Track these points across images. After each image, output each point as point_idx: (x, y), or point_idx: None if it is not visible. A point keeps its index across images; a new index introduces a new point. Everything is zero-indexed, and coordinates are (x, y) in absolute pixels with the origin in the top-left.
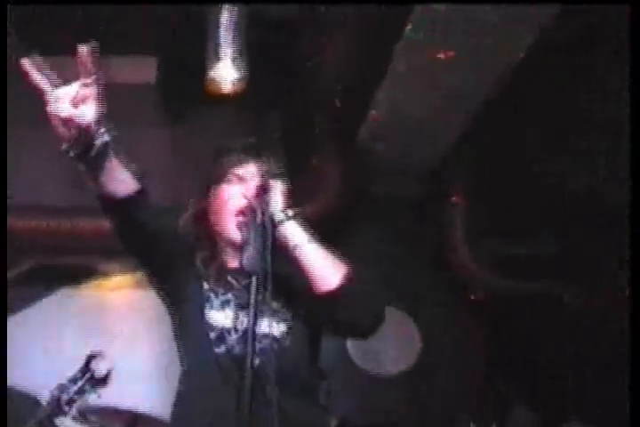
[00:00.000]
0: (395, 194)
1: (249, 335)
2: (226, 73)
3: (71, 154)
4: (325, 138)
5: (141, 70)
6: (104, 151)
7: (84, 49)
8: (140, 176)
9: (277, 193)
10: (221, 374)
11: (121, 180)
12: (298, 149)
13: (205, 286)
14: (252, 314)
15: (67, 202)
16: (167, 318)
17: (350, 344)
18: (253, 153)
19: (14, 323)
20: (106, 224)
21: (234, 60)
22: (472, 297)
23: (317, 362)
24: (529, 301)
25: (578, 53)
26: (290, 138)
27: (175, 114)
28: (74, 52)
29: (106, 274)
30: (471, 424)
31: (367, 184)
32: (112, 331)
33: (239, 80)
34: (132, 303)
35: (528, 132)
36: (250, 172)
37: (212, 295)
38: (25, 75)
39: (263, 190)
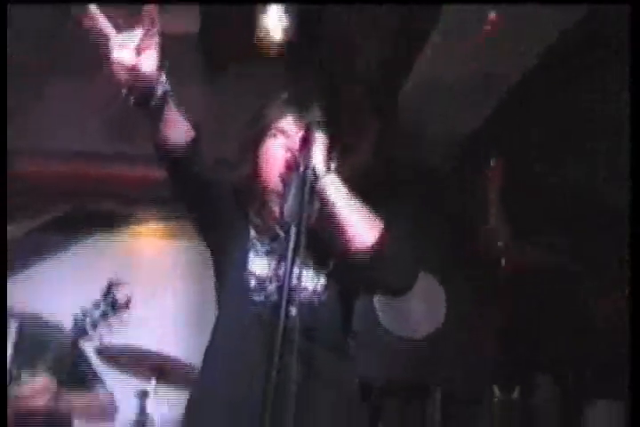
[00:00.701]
0: (430, 162)
1: (285, 283)
2: (274, 21)
3: (131, 100)
4: (366, 100)
5: (184, 19)
6: (164, 99)
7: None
8: (195, 125)
9: (320, 146)
10: (257, 322)
11: (179, 127)
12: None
13: (252, 233)
14: (289, 263)
15: (105, 148)
16: (199, 267)
17: (378, 306)
18: (296, 106)
19: (48, 266)
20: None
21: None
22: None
23: (351, 320)
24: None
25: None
26: (331, 96)
27: (219, 65)
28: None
29: (140, 222)
30: (494, 388)
31: (402, 150)
32: (143, 277)
33: (288, 29)
34: (165, 252)
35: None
36: (292, 125)
37: (257, 243)
38: (87, 22)
39: (305, 143)
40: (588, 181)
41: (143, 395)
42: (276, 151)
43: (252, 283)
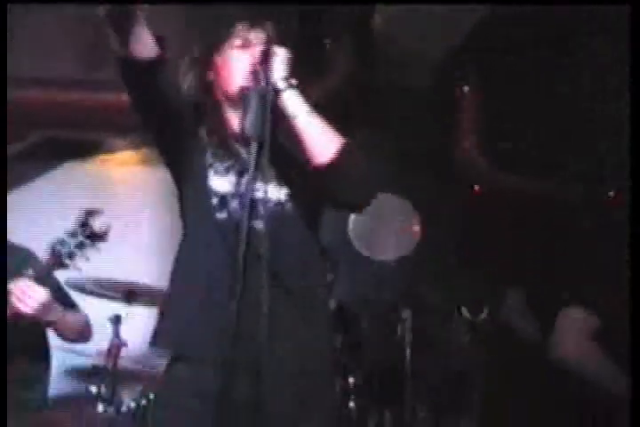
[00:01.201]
0: (404, 83)
1: (246, 197)
2: None
3: (100, 11)
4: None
5: None
6: (134, 13)
7: None
8: (161, 42)
9: (281, 61)
10: (221, 239)
11: (145, 42)
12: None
13: (209, 153)
14: (250, 177)
15: (78, 75)
16: (170, 195)
17: (352, 230)
18: (260, 19)
19: (21, 193)
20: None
21: None
22: (475, 189)
23: (318, 234)
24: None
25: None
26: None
27: None
28: None
29: (112, 150)
30: (462, 309)
31: (376, 72)
32: (116, 205)
33: None
34: (137, 179)
35: None
36: (256, 37)
37: (216, 162)
38: None
39: (267, 56)
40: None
41: (116, 320)
42: (237, 64)
43: (214, 201)
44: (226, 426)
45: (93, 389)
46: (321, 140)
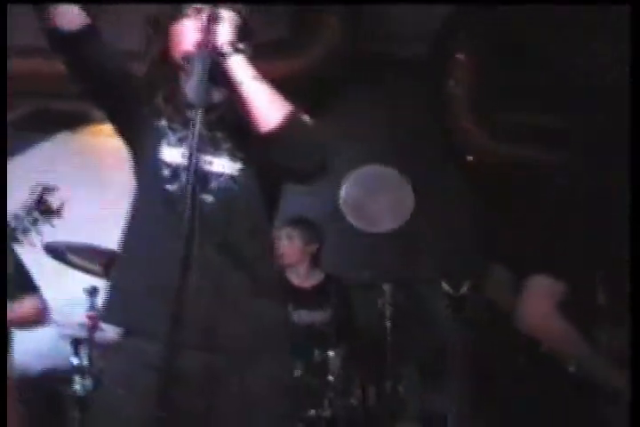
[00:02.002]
0: (398, 53)
1: (190, 167)
2: None
3: None
4: None
5: None
6: None
7: None
8: (89, 11)
9: (228, 25)
10: (171, 211)
11: (70, 13)
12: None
13: (163, 122)
14: (194, 148)
15: None
16: None
17: (344, 201)
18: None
19: (12, 165)
20: None
21: None
22: (469, 159)
23: (277, 206)
24: (524, 169)
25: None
26: None
27: None
28: None
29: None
30: (442, 283)
31: (369, 42)
32: (106, 176)
33: None
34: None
35: None
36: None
37: (169, 132)
38: None
39: (213, 21)
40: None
41: (93, 291)
42: (187, 30)
43: (165, 173)
44: (173, 400)
45: (75, 361)
46: (266, 108)
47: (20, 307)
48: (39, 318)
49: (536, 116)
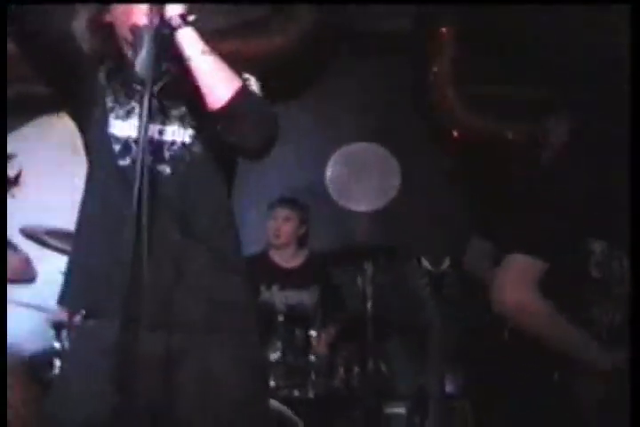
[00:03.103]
0: (377, 28)
1: (140, 140)
2: None
3: None
4: None
5: None
6: None
7: None
8: None
9: None
10: (125, 186)
11: None
12: None
13: (110, 97)
14: (144, 119)
15: None
16: None
17: (329, 179)
18: None
19: None
20: None
21: None
22: (454, 134)
23: (232, 178)
24: (506, 143)
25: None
26: None
27: None
28: None
29: None
30: (422, 259)
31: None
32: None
33: None
34: None
35: None
36: None
37: (116, 106)
38: None
39: None
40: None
41: None
42: (136, 4)
43: (117, 147)
44: (132, 384)
45: (57, 345)
46: (215, 85)
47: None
48: (21, 272)
49: (522, 88)
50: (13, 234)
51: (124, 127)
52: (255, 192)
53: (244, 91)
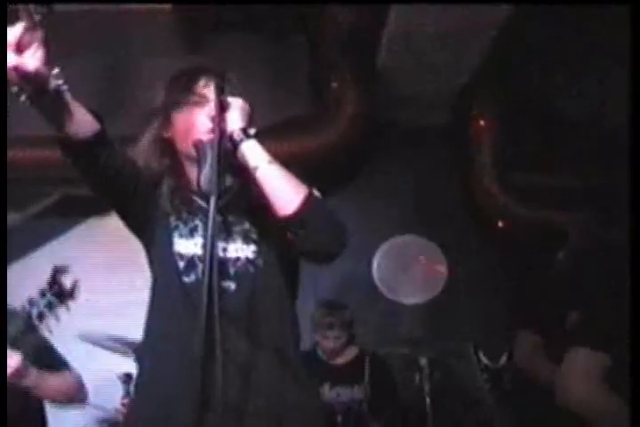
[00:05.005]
0: (419, 122)
1: (206, 257)
2: None
3: (22, 98)
4: (343, 65)
5: None
6: (59, 95)
7: None
8: (98, 115)
9: (236, 111)
10: (190, 303)
11: (80, 120)
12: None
13: (173, 215)
14: (209, 235)
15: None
16: None
17: (376, 273)
18: (212, 73)
19: (44, 253)
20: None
21: None
22: (499, 225)
23: (296, 286)
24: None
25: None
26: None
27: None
28: None
29: None
30: (480, 355)
31: (391, 112)
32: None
33: None
34: None
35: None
36: (210, 91)
37: (180, 224)
38: None
39: (221, 108)
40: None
41: (127, 378)
42: (193, 118)
43: (181, 264)
44: None
45: None
46: (283, 193)
47: (54, 381)
48: (75, 394)
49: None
50: (68, 340)
51: (188, 245)
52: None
53: (311, 197)
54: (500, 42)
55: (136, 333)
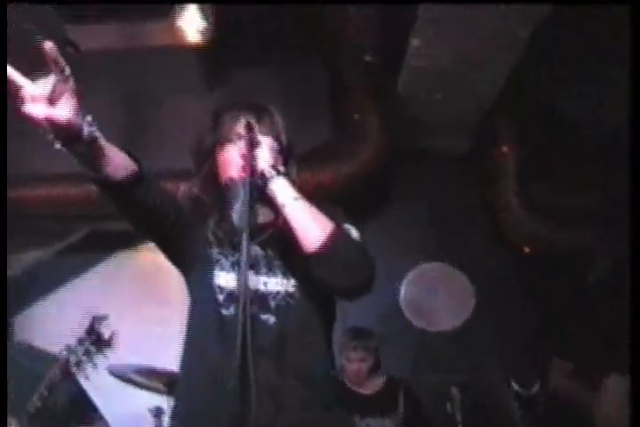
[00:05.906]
0: (441, 148)
1: (240, 291)
2: None
3: (57, 146)
4: (363, 94)
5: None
6: (93, 140)
7: (49, 45)
8: (135, 156)
9: (266, 149)
10: (228, 335)
11: (116, 164)
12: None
13: (215, 249)
14: (242, 269)
15: None
16: None
17: (403, 301)
18: (248, 111)
19: (74, 288)
20: None
21: None
22: (526, 250)
23: (332, 319)
24: (581, 254)
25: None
26: (330, 97)
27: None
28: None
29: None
30: (513, 384)
31: (412, 138)
32: (167, 292)
33: None
34: None
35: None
36: (241, 128)
37: (222, 258)
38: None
39: (251, 146)
40: None
41: (158, 412)
42: (229, 156)
43: (221, 297)
44: None
45: None
46: (309, 229)
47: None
48: None
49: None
50: (100, 375)
51: (229, 279)
52: None
53: (337, 233)
54: (520, 68)
55: (165, 364)
